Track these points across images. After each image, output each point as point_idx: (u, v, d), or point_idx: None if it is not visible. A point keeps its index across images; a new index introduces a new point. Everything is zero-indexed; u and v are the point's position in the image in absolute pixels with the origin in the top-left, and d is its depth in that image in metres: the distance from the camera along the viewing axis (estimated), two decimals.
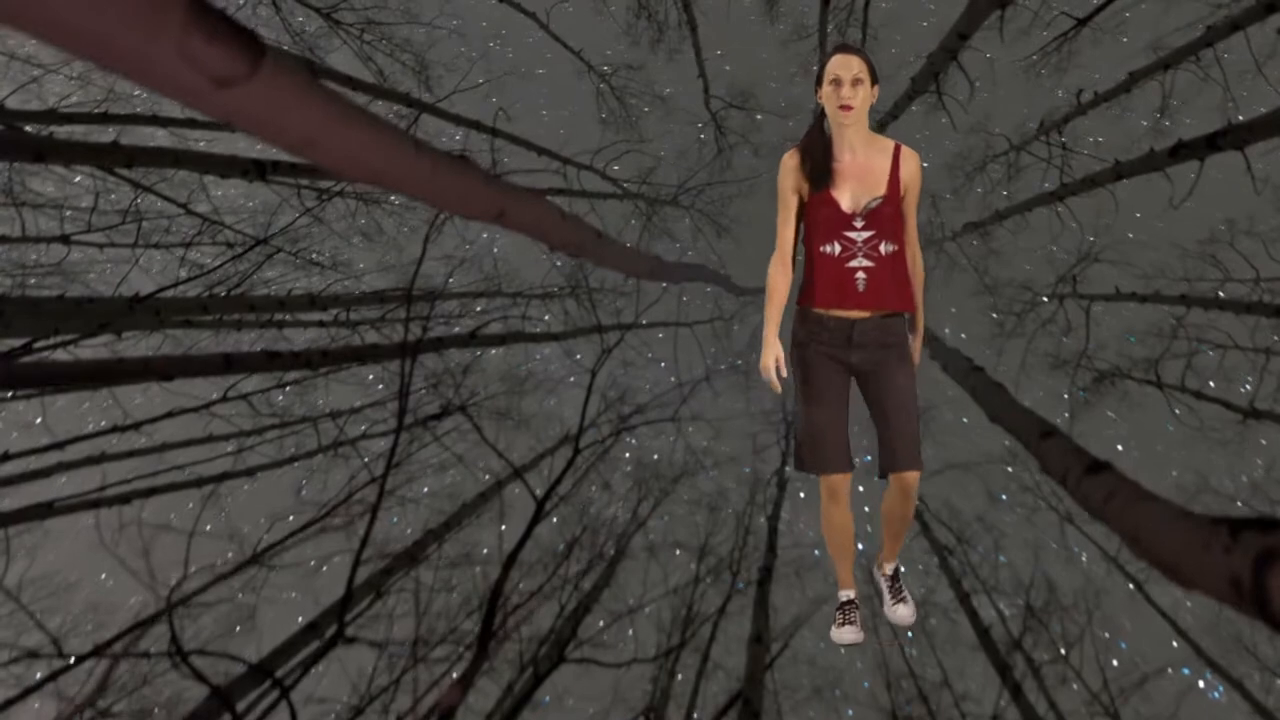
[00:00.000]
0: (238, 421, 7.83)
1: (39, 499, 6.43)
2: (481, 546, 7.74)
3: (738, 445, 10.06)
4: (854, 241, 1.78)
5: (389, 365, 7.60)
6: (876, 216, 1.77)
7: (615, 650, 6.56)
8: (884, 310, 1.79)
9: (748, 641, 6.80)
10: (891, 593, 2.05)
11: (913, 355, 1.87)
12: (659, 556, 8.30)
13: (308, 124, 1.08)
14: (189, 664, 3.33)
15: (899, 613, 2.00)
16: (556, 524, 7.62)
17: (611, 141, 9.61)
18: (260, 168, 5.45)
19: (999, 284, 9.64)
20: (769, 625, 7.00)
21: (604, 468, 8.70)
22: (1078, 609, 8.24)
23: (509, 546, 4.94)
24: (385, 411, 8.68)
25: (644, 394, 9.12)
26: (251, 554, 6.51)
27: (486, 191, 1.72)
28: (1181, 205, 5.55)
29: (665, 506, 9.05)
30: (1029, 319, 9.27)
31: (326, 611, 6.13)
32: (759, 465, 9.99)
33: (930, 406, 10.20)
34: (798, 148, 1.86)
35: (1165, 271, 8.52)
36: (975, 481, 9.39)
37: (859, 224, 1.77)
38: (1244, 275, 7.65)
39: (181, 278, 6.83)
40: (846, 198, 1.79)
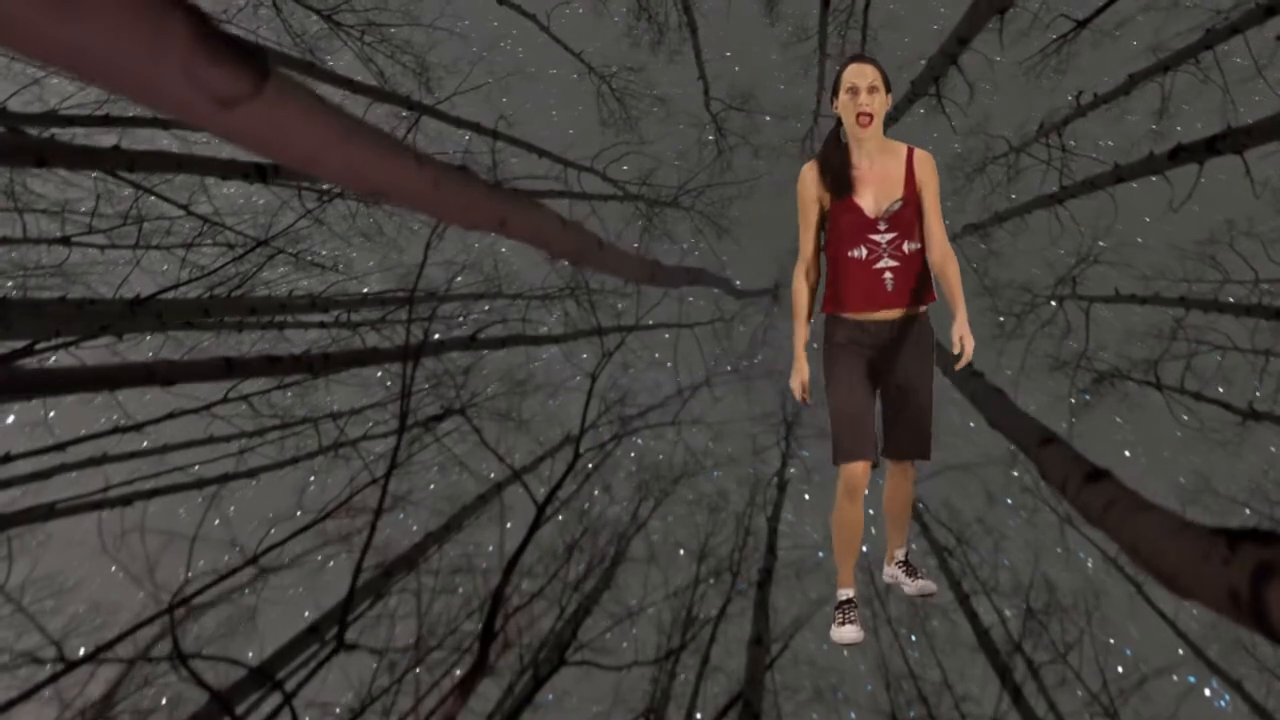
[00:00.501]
0: (239, 422, 7.82)
1: (41, 500, 6.45)
2: (483, 548, 7.74)
3: (738, 446, 10.07)
4: (879, 244, 1.83)
5: (390, 367, 7.61)
6: (898, 218, 1.83)
7: (616, 654, 6.57)
8: (913, 307, 1.87)
9: (748, 643, 6.82)
10: (908, 573, 2.08)
11: (966, 339, 1.79)
12: (659, 558, 8.31)
13: (311, 141, 1.08)
14: (189, 668, 3.34)
15: (920, 585, 2.01)
16: (557, 526, 7.63)
17: (612, 143, 9.62)
18: (261, 170, 5.47)
19: (999, 285, 9.64)
20: (769, 627, 7.01)
21: (604, 470, 8.71)
22: (1077, 610, 8.25)
23: (510, 548, 4.95)
24: (386, 413, 8.67)
25: (645, 395, 9.14)
26: (252, 555, 6.52)
27: (488, 203, 1.73)
28: (1181, 207, 5.55)
29: (665, 507, 9.06)
30: (1029, 320, 9.27)
31: (328, 614, 6.14)
32: (759, 466, 10.00)
33: (937, 405, 10.17)
34: (816, 159, 1.91)
35: (1165, 273, 8.52)
36: (975, 482, 9.39)
37: (882, 227, 1.83)
38: (1243, 277, 7.65)
39: (182, 279, 6.84)
40: (869, 202, 1.84)
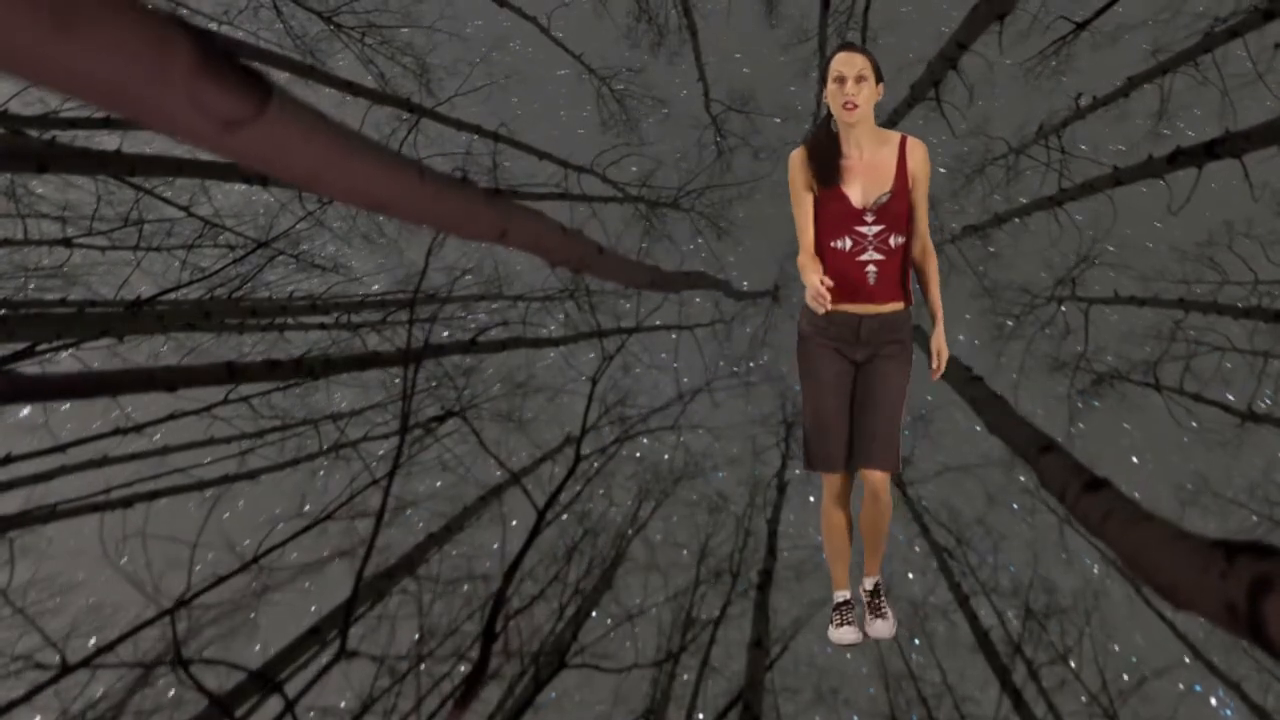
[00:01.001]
0: (239, 424, 7.83)
1: (42, 502, 6.45)
2: (484, 550, 7.74)
3: (738, 448, 10.08)
4: (865, 236, 1.78)
5: (390, 370, 7.61)
6: (887, 211, 1.77)
7: (616, 656, 6.58)
8: (893, 303, 1.82)
9: (748, 645, 6.82)
10: (870, 608, 2.05)
11: (943, 353, 1.88)
12: (659, 560, 8.32)
13: (314, 160, 1.09)
14: (189, 673, 3.34)
15: (875, 627, 2.01)
16: (558, 528, 7.63)
17: (612, 145, 9.62)
18: (262, 173, 5.46)
19: (998, 287, 9.65)
20: (769, 628, 7.01)
21: (604, 472, 8.71)
22: (1077, 611, 8.26)
23: (512, 549, 4.96)
24: (386, 414, 8.67)
25: (645, 397, 9.15)
26: (253, 557, 6.52)
27: (489, 213, 1.73)
28: (1180, 210, 5.55)
29: (666, 508, 9.07)
30: (1028, 321, 9.28)
31: (329, 616, 6.14)
32: (759, 468, 10.01)
33: (937, 406, 10.19)
34: (804, 145, 1.86)
35: (1164, 274, 8.53)
36: (975, 484, 9.40)
37: (869, 219, 1.77)
38: (1242, 278, 7.66)
39: (183, 280, 6.83)
40: (857, 193, 1.78)
